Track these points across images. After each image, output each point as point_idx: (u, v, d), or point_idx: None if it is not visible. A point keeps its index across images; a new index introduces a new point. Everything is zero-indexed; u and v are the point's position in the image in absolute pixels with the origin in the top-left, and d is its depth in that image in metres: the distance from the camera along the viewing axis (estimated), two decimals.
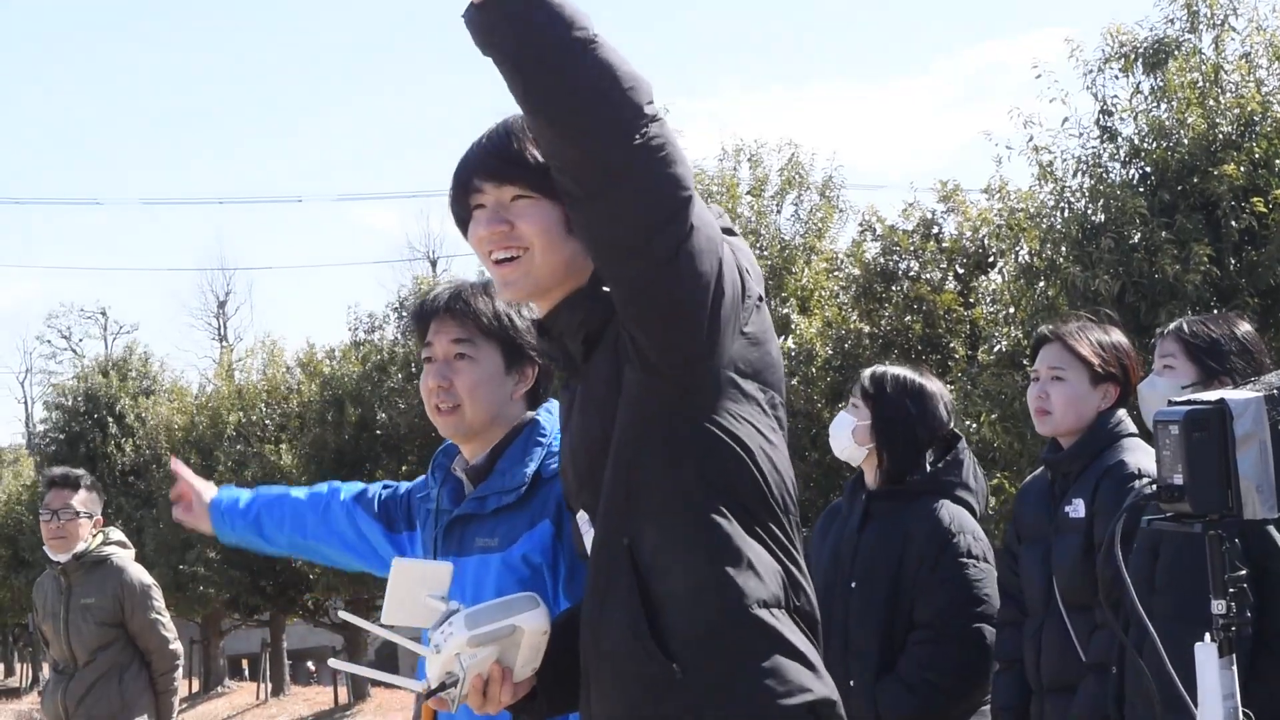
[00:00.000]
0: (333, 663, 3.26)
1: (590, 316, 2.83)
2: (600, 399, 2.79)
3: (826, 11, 79.98)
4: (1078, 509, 4.77)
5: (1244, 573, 3.28)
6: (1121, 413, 4.92)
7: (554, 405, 3.63)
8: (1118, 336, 4.99)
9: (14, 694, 44.53)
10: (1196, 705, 3.29)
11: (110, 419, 34.99)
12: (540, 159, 2.78)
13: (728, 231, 2.82)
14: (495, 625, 2.84)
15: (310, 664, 44.69)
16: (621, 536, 2.75)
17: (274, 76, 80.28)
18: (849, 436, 5.27)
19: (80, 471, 8.13)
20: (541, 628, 2.88)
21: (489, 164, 2.87)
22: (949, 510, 5.17)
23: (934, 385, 5.36)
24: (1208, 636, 3.29)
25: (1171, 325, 4.66)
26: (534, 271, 2.84)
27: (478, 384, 3.60)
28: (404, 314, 26.13)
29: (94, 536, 7.94)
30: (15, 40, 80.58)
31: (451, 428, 3.65)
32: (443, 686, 2.83)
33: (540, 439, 3.56)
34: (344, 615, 3.26)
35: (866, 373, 5.38)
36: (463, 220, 2.95)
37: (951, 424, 5.37)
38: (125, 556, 8.02)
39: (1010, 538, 5.17)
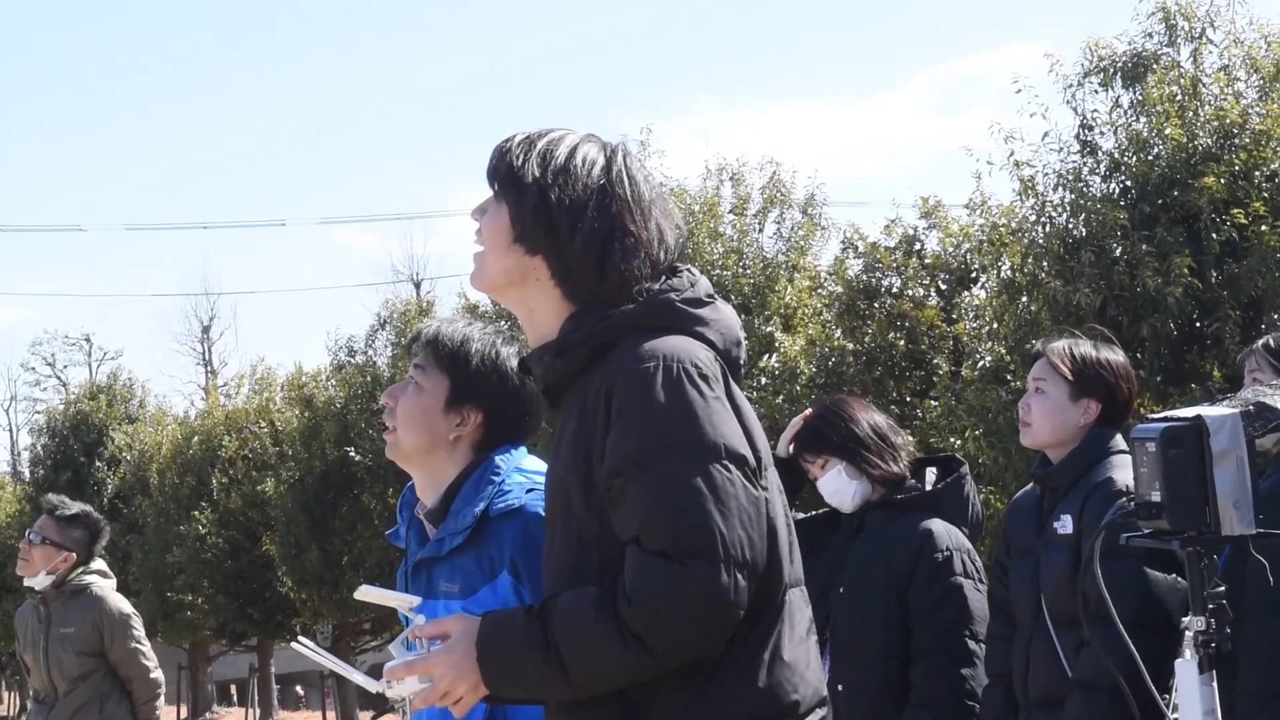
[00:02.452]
0: (296, 645, 3.32)
1: (548, 373, 2.97)
2: (566, 460, 2.90)
3: (800, 30, 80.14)
4: (1065, 525, 4.79)
5: (1223, 589, 3.27)
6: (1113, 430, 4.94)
7: (518, 448, 3.64)
8: (1108, 354, 4.98)
9: None
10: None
11: (98, 445, 34.94)
12: (516, 173, 2.97)
13: (698, 302, 2.93)
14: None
15: (299, 688, 44.60)
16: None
17: (255, 100, 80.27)
18: (847, 484, 5.33)
19: (62, 502, 8.05)
20: None
21: (489, 162, 3.05)
22: (944, 527, 5.21)
23: (842, 400, 5.56)
24: (1188, 653, 3.29)
25: (1259, 341, 4.74)
26: (485, 267, 3.03)
27: (412, 411, 3.61)
28: (383, 336, 26.12)
29: (69, 569, 7.87)
30: None
31: (389, 448, 3.70)
32: (391, 708, 2.93)
33: (493, 477, 3.54)
34: (298, 646, 3.25)
35: (805, 433, 5.43)
36: None
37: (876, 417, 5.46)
38: (105, 586, 7.97)
39: (1001, 551, 5.21)
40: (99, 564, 8.05)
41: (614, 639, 2.69)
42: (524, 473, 3.56)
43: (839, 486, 5.33)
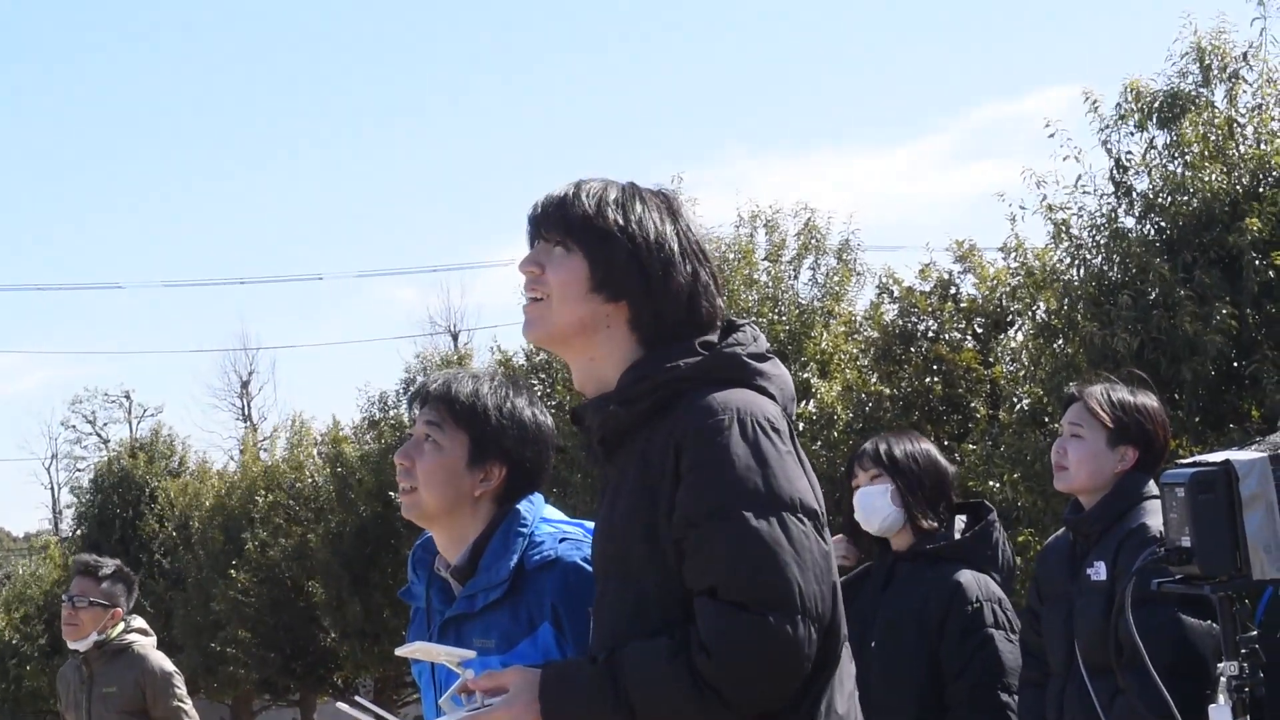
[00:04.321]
0: (340, 706, 3.29)
1: (607, 423, 2.93)
2: (625, 510, 2.87)
3: (831, 76, 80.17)
4: (1099, 571, 4.77)
5: (1255, 634, 3.26)
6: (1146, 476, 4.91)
7: (536, 496, 3.60)
8: (1145, 400, 4.96)
9: None
10: None
11: (141, 501, 35.06)
12: (594, 222, 2.93)
13: (762, 357, 2.95)
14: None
15: None
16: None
17: (292, 156, 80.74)
18: (888, 503, 5.26)
19: (99, 560, 8.07)
20: None
21: (543, 212, 3.00)
22: (974, 577, 5.16)
23: (917, 440, 5.50)
24: (1221, 698, 3.28)
25: None
26: (550, 318, 2.97)
27: (434, 470, 3.53)
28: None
29: (114, 627, 7.89)
30: (33, 128, 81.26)
31: (408, 508, 3.61)
32: None
33: (521, 529, 3.49)
34: (341, 707, 3.24)
35: (871, 447, 5.41)
36: None
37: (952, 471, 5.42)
38: (147, 644, 7.99)
39: (1032, 597, 5.18)
40: (139, 622, 8.07)
41: (689, 690, 2.68)
42: (550, 522, 3.53)
43: (877, 505, 5.28)
